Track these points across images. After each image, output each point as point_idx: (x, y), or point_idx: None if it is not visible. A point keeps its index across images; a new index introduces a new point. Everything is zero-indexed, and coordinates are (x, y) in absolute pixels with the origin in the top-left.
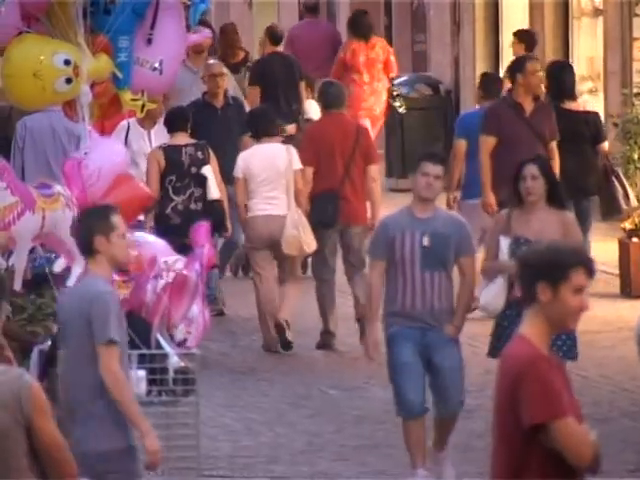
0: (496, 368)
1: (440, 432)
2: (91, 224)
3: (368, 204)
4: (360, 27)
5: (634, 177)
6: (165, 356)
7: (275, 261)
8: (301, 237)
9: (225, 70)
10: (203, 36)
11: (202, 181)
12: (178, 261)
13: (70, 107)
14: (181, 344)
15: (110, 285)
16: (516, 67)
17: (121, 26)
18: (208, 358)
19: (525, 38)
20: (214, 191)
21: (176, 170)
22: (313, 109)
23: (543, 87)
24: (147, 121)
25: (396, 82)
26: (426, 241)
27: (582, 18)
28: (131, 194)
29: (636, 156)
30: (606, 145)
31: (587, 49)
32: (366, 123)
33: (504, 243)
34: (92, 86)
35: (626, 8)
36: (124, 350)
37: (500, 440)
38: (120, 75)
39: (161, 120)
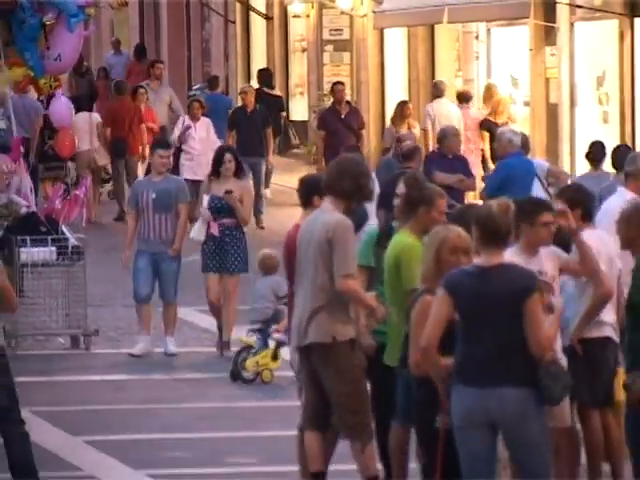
0: None
1: (166, 319)
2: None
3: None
4: (140, 51)
5: None
6: (67, 239)
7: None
8: (96, 158)
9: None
10: (91, 31)
11: None
12: None
13: None
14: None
15: None
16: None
17: (22, 46)
18: (90, 241)
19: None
20: None
21: None
22: None
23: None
24: (194, 117)
25: (193, 88)
26: (154, 195)
27: (296, 53)
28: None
29: None
30: (283, 114)
31: (299, 69)
32: None
33: (205, 199)
34: (20, 83)
35: (319, 48)
36: None
37: None
38: (32, 73)
39: (204, 118)
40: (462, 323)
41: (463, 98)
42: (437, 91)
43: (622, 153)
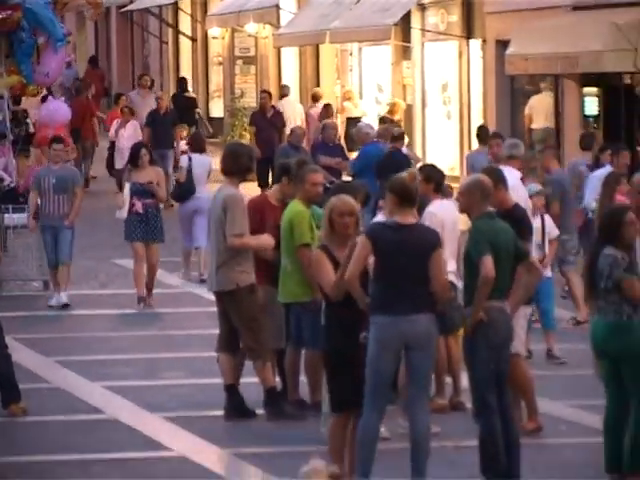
0: None
1: (61, 277)
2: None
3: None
4: (93, 61)
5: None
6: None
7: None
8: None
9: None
10: (72, 57)
11: None
12: None
13: None
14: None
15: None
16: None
17: (20, 59)
18: None
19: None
20: None
21: None
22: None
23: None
24: (124, 120)
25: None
26: (54, 180)
27: (214, 66)
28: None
29: (236, 122)
30: (198, 110)
31: (216, 78)
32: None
33: (127, 186)
34: (13, 87)
35: (232, 62)
36: None
37: None
38: (25, 81)
39: (133, 120)
40: (380, 266)
41: (314, 98)
42: (283, 91)
43: (484, 130)
